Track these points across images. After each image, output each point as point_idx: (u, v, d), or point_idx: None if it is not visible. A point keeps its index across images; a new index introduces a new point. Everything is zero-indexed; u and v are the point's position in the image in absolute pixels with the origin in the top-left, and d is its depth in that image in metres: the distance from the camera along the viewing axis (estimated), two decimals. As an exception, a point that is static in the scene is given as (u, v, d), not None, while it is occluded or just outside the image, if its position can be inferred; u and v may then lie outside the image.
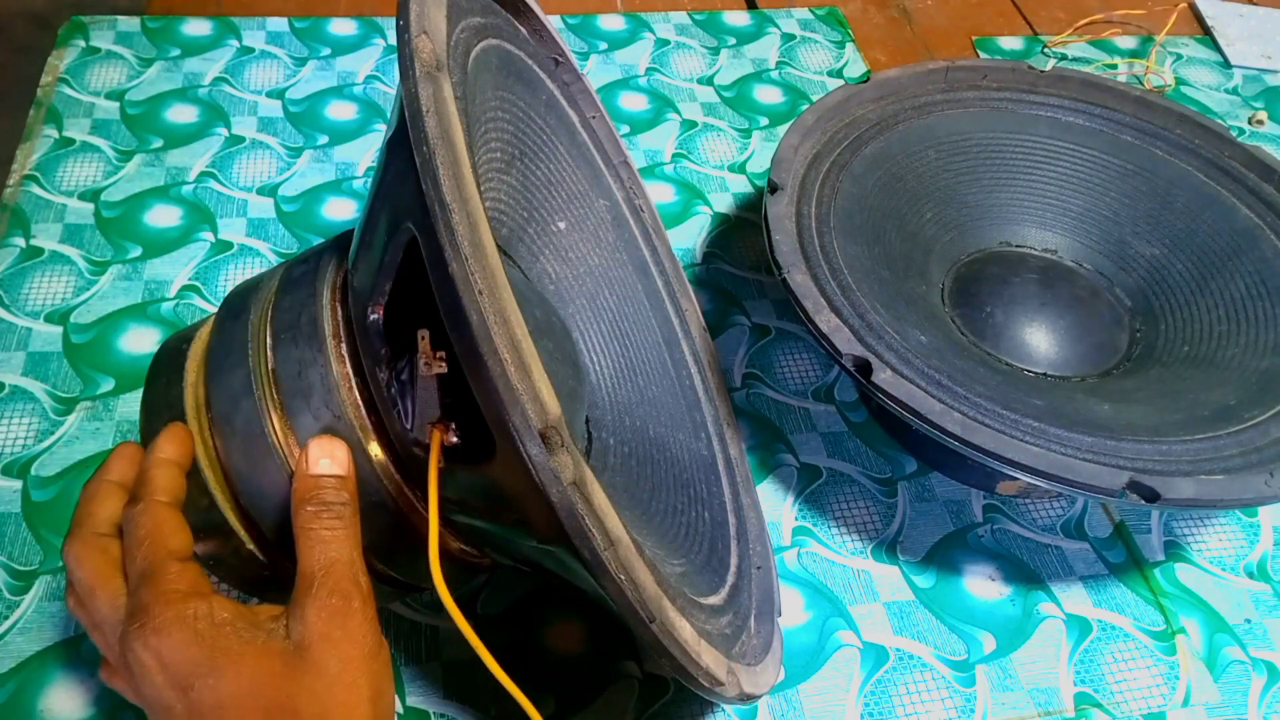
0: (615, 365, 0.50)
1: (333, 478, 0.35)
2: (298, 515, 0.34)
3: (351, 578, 0.33)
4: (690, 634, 0.34)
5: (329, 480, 0.34)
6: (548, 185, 0.50)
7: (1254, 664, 0.50)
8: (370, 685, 0.33)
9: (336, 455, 0.35)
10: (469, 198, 0.29)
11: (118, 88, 0.73)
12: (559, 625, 0.49)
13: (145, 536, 0.34)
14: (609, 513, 0.31)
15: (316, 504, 0.34)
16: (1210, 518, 0.56)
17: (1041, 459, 0.44)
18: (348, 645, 0.33)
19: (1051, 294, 0.58)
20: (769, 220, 0.52)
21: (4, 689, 0.44)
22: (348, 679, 0.32)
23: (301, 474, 0.35)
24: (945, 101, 0.63)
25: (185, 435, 0.37)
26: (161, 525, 0.35)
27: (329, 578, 0.33)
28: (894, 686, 0.48)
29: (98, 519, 0.36)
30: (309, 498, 0.34)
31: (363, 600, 0.33)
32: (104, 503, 0.37)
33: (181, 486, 0.37)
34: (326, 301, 0.37)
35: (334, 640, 0.32)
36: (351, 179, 0.69)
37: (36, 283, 0.60)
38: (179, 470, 0.37)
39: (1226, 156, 0.60)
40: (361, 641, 0.33)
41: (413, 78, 0.31)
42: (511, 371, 0.28)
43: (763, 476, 0.56)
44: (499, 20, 0.46)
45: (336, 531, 0.34)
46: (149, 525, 0.35)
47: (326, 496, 0.34)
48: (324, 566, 0.33)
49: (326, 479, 0.34)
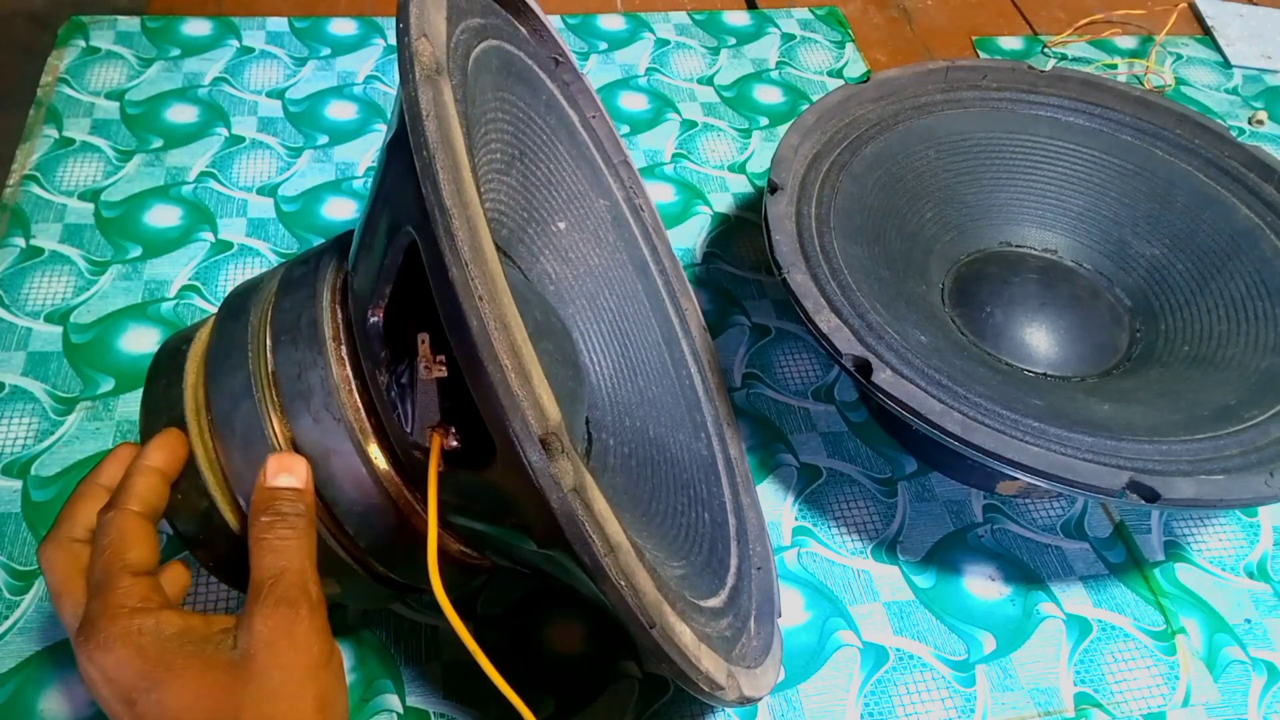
0: (615, 365, 0.50)
1: (289, 489, 0.35)
2: (253, 526, 0.34)
3: (300, 585, 0.33)
4: (690, 639, 0.34)
5: (286, 492, 0.35)
6: (548, 185, 0.50)
7: (1254, 664, 0.50)
8: (317, 695, 0.32)
9: (295, 469, 0.35)
10: (469, 202, 0.29)
11: (118, 88, 0.73)
12: (559, 625, 0.49)
13: (106, 546, 0.35)
14: (609, 518, 0.31)
15: (271, 514, 0.34)
16: (1210, 518, 0.56)
17: (1041, 459, 0.44)
18: (294, 654, 0.32)
19: (1051, 294, 0.58)
20: (769, 220, 0.52)
21: (4, 689, 0.44)
22: (292, 689, 0.32)
23: (259, 486, 0.35)
24: (945, 101, 0.63)
25: (177, 443, 0.37)
26: (125, 535, 0.35)
27: (277, 586, 0.33)
28: (894, 686, 0.48)
29: (76, 522, 0.36)
30: (264, 508, 0.34)
31: (310, 608, 0.33)
32: (86, 505, 0.37)
33: (162, 496, 0.37)
34: (326, 303, 0.37)
35: (279, 649, 0.32)
36: (351, 179, 0.69)
37: (36, 283, 0.60)
38: (161, 479, 0.37)
39: (1226, 156, 0.60)
40: (308, 649, 0.32)
41: (413, 81, 0.31)
42: (512, 378, 0.28)
43: (763, 476, 0.56)
44: (499, 21, 0.46)
45: (288, 541, 0.34)
46: (113, 535, 0.35)
47: (282, 507, 0.34)
48: (273, 575, 0.33)
49: (283, 490, 0.35)
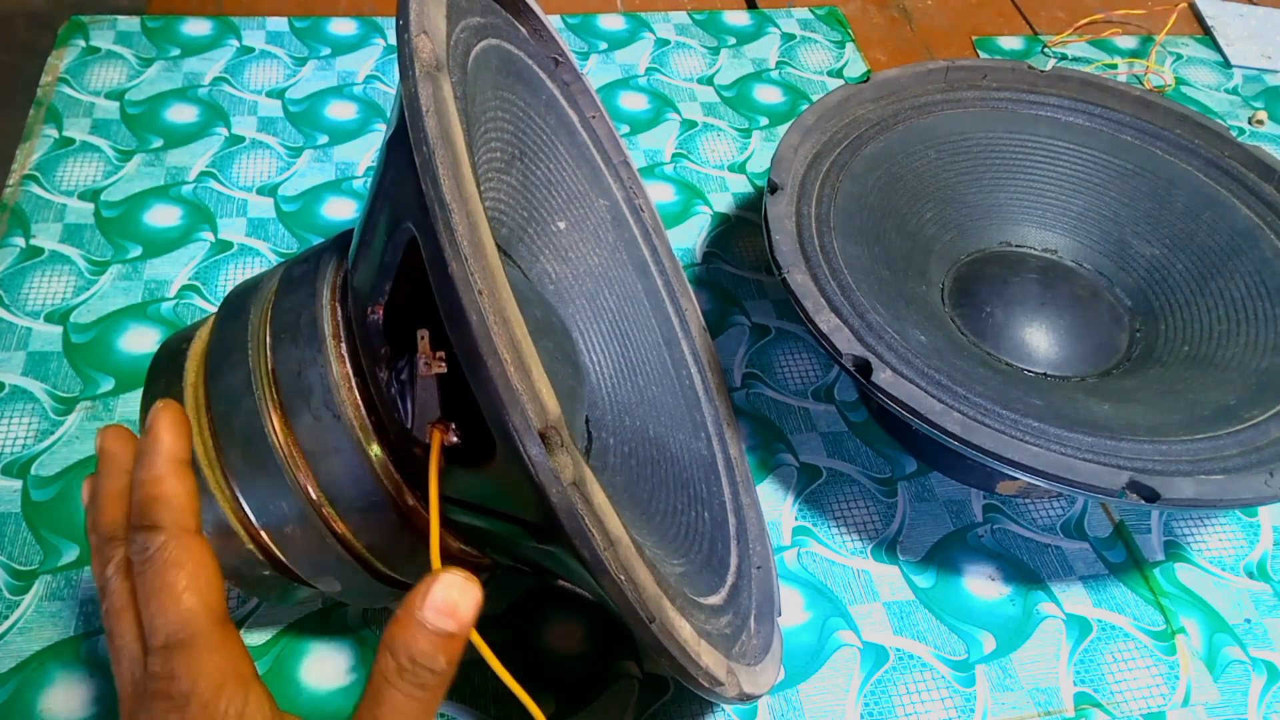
0: (615, 365, 0.50)
1: (446, 637, 0.28)
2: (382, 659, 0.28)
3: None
4: (690, 634, 0.34)
5: (440, 641, 0.28)
6: (548, 185, 0.50)
7: (1254, 664, 0.50)
8: None
9: (461, 609, 0.28)
10: (469, 198, 0.29)
11: (118, 87, 0.73)
12: (559, 625, 0.49)
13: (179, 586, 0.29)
14: (609, 513, 0.31)
15: (410, 660, 0.28)
16: (1210, 518, 0.56)
17: (1041, 459, 0.43)
18: None
19: (1051, 294, 0.58)
20: (769, 220, 0.52)
21: (4, 689, 0.44)
22: None
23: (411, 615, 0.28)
24: (945, 101, 0.63)
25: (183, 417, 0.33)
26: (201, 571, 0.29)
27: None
28: (894, 686, 0.48)
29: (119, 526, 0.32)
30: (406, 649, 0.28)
31: None
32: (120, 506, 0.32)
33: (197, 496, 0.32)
34: (326, 301, 0.37)
35: None
36: (351, 179, 0.69)
37: (36, 282, 0.60)
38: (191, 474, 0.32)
39: (1226, 156, 0.60)
40: None
41: (412, 78, 0.31)
42: (511, 372, 0.28)
43: (763, 476, 0.56)
44: (499, 20, 0.46)
45: (414, 700, 0.28)
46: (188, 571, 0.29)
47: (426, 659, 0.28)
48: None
49: (439, 639, 0.28)
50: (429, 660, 0.28)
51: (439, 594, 0.28)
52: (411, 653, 0.28)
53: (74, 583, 0.48)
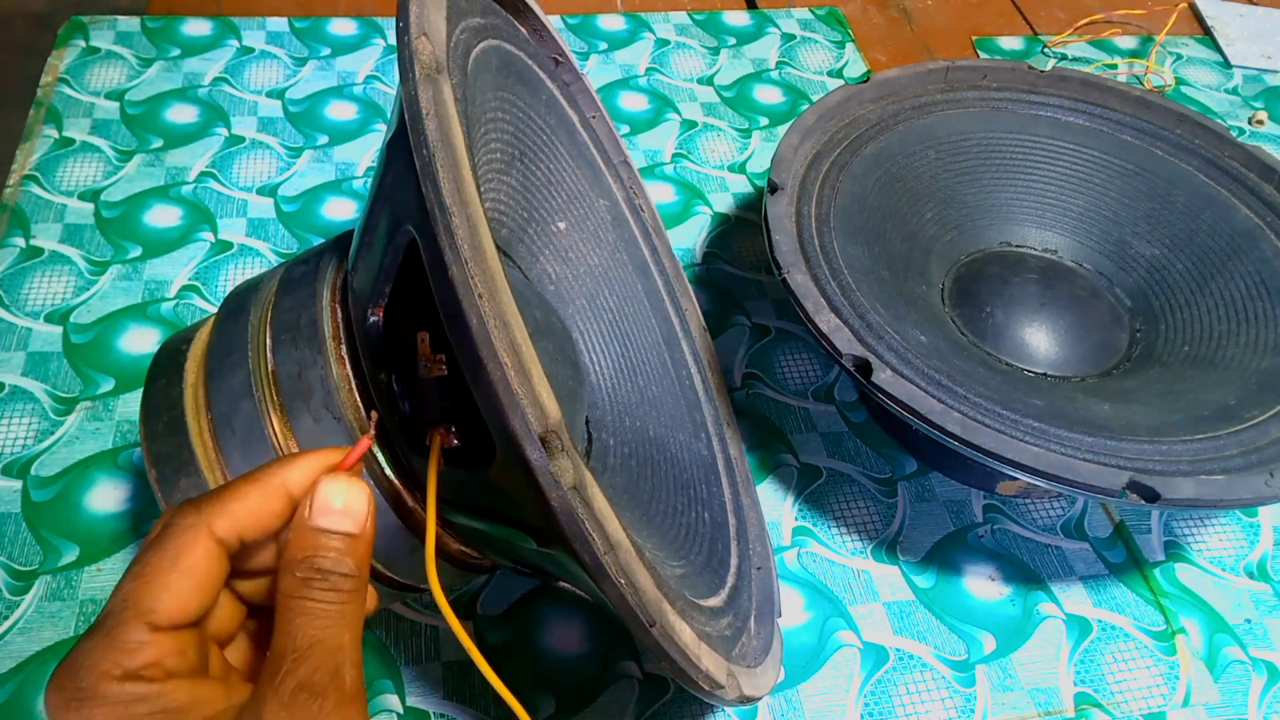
0: (615, 365, 0.50)
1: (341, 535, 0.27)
2: (282, 577, 0.26)
3: (331, 669, 0.25)
4: (690, 637, 0.34)
5: (335, 540, 0.27)
6: (548, 185, 0.50)
7: (1254, 664, 0.50)
8: None
9: (352, 504, 0.27)
10: (469, 201, 0.29)
11: (118, 88, 0.73)
12: (559, 625, 0.49)
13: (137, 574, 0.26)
14: (609, 516, 0.31)
15: (307, 570, 0.26)
16: (1210, 518, 0.56)
17: (1041, 459, 0.43)
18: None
19: (1051, 294, 0.58)
20: (769, 220, 0.52)
21: (4, 689, 0.44)
22: None
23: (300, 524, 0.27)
24: (945, 101, 0.63)
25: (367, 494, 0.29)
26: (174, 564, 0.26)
27: (301, 664, 0.25)
28: (894, 686, 0.48)
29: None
30: (302, 559, 0.26)
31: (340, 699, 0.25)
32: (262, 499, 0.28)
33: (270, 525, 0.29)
34: (326, 303, 0.37)
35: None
36: (351, 179, 0.69)
37: (36, 283, 0.60)
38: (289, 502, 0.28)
39: (1226, 156, 0.60)
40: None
41: (412, 80, 0.30)
42: (511, 375, 0.28)
43: (763, 476, 0.56)
44: (499, 20, 0.46)
45: (329, 606, 0.26)
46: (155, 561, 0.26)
47: (325, 562, 0.26)
48: (298, 649, 0.25)
49: (333, 536, 0.27)
50: (336, 564, 0.26)
51: (327, 497, 0.27)
52: (316, 562, 0.26)
53: (74, 583, 0.48)
